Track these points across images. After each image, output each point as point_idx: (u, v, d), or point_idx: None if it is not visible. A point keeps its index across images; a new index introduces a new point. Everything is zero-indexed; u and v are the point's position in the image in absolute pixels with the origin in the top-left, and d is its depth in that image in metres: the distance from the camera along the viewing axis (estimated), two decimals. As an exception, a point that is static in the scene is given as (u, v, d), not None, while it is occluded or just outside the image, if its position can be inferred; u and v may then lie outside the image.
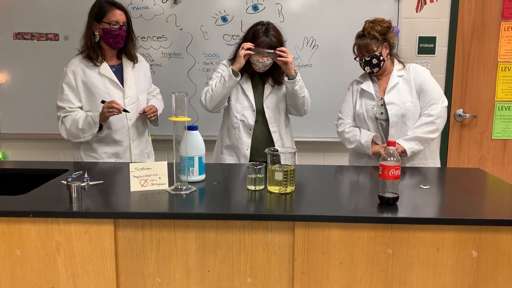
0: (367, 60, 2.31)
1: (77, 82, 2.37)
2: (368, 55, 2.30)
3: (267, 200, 1.68)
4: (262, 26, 2.41)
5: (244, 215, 1.52)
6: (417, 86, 2.30)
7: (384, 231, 1.50)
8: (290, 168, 1.73)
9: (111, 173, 2.06)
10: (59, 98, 2.38)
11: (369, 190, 1.80)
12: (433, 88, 2.29)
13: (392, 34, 2.33)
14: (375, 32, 2.27)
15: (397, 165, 1.57)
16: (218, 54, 3.32)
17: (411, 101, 2.29)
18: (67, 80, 2.38)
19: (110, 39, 2.34)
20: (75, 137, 2.38)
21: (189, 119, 1.77)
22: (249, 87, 2.50)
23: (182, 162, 1.77)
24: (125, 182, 1.84)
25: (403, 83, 2.33)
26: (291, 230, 1.52)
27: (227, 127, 2.56)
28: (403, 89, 2.31)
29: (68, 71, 2.38)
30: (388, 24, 2.31)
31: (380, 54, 2.29)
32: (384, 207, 1.57)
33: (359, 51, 2.34)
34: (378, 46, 2.29)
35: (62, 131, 2.39)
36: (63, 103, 2.37)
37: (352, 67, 3.25)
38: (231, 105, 2.50)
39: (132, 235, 1.55)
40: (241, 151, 2.50)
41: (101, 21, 2.33)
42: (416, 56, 3.33)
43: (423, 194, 1.76)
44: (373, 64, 2.30)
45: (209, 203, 1.69)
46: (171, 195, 1.72)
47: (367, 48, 2.29)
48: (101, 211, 1.54)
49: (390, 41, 2.32)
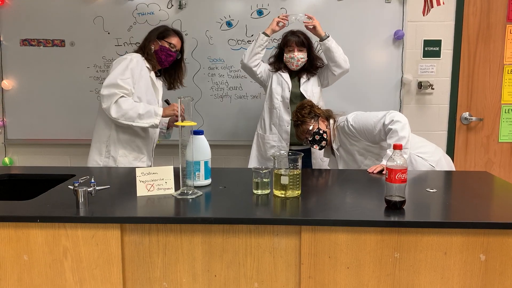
0: (311, 140, 2.47)
1: (138, 72, 2.42)
2: (310, 135, 2.46)
3: (273, 204, 1.68)
4: (290, 31, 2.84)
5: (250, 220, 1.52)
6: (355, 138, 2.41)
7: (391, 235, 1.49)
8: (296, 172, 1.72)
9: (117, 178, 2.07)
10: (120, 78, 2.33)
11: (376, 194, 1.80)
12: (365, 123, 2.36)
13: (318, 110, 2.52)
14: (304, 117, 2.46)
15: (404, 169, 1.56)
16: (223, 59, 3.34)
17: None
18: (133, 65, 2.39)
19: (163, 56, 2.51)
20: (129, 119, 2.34)
21: (195, 124, 1.77)
22: (287, 75, 2.88)
23: (188, 166, 1.77)
24: (131, 186, 1.84)
25: (344, 153, 2.47)
26: (297, 234, 1.52)
27: (269, 108, 2.91)
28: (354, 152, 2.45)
29: (135, 59, 2.42)
30: (308, 103, 2.52)
31: (319, 129, 2.45)
32: (391, 211, 1.56)
33: (301, 137, 2.51)
34: (312, 124, 2.47)
35: (113, 109, 2.32)
36: (124, 83, 2.33)
37: (357, 71, 3.26)
38: (272, 89, 2.87)
39: (139, 240, 1.55)
40: (282, 128, 2.87)
41: (162, 39, 2.52)
42: (421, 59, 3.32)
43: (430, 198, 1.75)
44: (317, 140, 2.46)
45: (215, 207, 1.69)
46: (177, 199, 1.72)
47: (305, 132, 2.48)
48: (107, 216, 1.54)
49: (321, 114, 2.50)
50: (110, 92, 2.33)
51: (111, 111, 2.33)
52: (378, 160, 2.36)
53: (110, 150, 2.46)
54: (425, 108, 3.40)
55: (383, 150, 2.36)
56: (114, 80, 2.34)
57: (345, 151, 2.47)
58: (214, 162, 2.02)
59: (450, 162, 2.48)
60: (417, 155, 2.36)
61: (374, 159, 2.39)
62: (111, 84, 2.34)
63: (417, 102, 3.40)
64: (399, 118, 2.24)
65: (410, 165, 2.33)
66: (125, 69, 2.37)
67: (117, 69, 2.37)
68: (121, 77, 2.35)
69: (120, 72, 2.36)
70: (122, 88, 2.34)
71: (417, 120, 3.38)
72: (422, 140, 2.52)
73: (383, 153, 2.34)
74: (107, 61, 3.38)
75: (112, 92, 2.33)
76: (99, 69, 3.40)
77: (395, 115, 2.26)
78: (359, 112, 2.47)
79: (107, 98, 2.33)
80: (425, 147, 2.45)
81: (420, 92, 3.37)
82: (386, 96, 3.33)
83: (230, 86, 3.39)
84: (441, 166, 2.37)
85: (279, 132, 2.90)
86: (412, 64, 3.34)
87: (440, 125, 3.41)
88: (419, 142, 2.47)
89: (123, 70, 2.37)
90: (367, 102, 3.30)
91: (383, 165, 2.15)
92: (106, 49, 3.37)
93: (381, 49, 3.30)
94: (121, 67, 2.37)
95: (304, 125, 2.48)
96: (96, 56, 3.39)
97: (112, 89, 2.33)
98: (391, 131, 2.22)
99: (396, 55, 3.30)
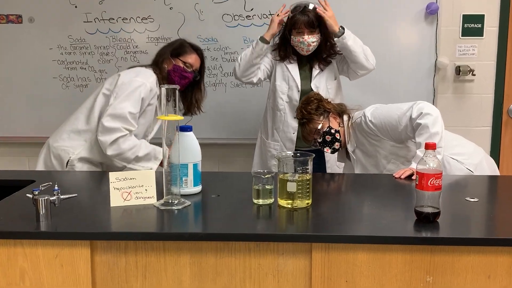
0: (321, 142, 2.46)
1: (147, 103, 2.45)
2: (319, 136, 2.45)
3: (277, 217, 1.67)
4: (300, 7, 2.74)
5: (250, 235, 1.51)
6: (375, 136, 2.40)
7: (422, 254, 1.49)
8: (306, 177, 1.72)
9: (87, 184, 2.07)
10: (130, 111, 2.37)
11: (403, 204, 1.79)
12: (387, 118, 2.35)
13: (328, 104, 2.51)
14: (311, 114, 2.45)
15: (438, 173, 1.56)
16: (216, 38, 3.34)
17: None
18: (145, 95, 2.42)
19: (176, 77, 2.57)
20: (124, 160, 2.42)
21: (181, 118, 1.77)
22: (295, 68, 2.83)
23: (174, 170, 1.77)
24: (104, 195, 1.84)
25: (362, 156, 2.46)
26: (307, 253, 1.51)
27: (272, 108, 2.89)
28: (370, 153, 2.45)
29: (148, 85, 2.43)
30: (315, 96, 2.50)
31: (330, 128, 2.44)
32: (422, 225, 1.56)
33: (309, 138, 2.50)
34: (322, 122, 2.45)
35: (110, 147, 2.36)
36: (133, 119, 2.39)
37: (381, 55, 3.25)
38: (277, 86, 2.85)
39: (113, 260, 1.55)
40: (287, 135, 2.84)
41: (176, 57, 2.58)
42: (460, 38, 3.32)
43: (471, 209, 1.74)
44: (328, 142, 2.46)
45: (207, 220, 1.69)
46: (160, 211, 1.72)
47: (313, 131, 2.46)
48: (75, 231, 1.53)
49: (332, 109, 2.49)
50: (114, 126, 2.35)
51: (107, 148, 2.37)
52: (404, 164, 2.35)
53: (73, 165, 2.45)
54: (464, 99, 3.40)
55: (410, 152, 2.36)
56: (123, 113, 2.36)
57: (363, 154, 2.47)
58: (205, 165, 2.02)
59: (493, 166, 2.47)
60: (451, 157, 2.35)
61: (399, 163, 2.39)
62: (118, 115, 2.36)
63: (455, 91, 3.40)
64: (429, 110, 2.24)
65: (443, 170, 2.32)
66: (138, 101, 2.40)
67: (130, 97, 2.39)
68: (132, 109, 2.38)
69: (133, 103, 2.39)
70: (129, 124, 2.38)
71: (454, 114, 3.38)
72: (457, 138, 2.52)
73: (410, 155, 2.34)
74: (74, 41, 3.39)
75: (117, 126, 2.36)
76: (65, 51, 3.40)
77: (424, 107, 2.25)
78: (378, 105, 2.47)
79: (108, 131, 2.36)
80: (462, 147, 2.44)
81: (458, 79, 3.37)
82: (416, 84, 3.33)
83: (225, 72, 3.39)
84: (481, 171, 2.37)
85: (282, 139, 2.87)
86: (449, 44, 3.34)
87: (482, 120, 3.41)
88: (454, 140, 2.46)
89: (136, 101, 2.40)
90: (392, 93, 3.29)
91: (412, 168, 2.15)
92: (73, 26, 3.37)
93: (410, 27, 3.30)
94: (135, 97, 2.40)
95: (311, 123, 2.48)
96: (60, 35, 3.39)
97: (117, 122, 2.36)
98: (420, 126, 2.22)
99: (428, 33, 3.30)
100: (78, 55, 3.41)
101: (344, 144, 2.50)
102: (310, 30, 2.72)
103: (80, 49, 3.40)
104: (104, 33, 3.39)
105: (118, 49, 3.40)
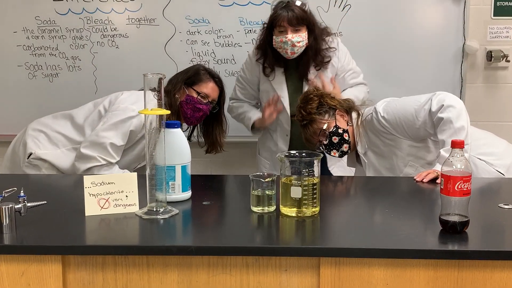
0: (327, 144, 2.47)
1: (140, 136, 2.46)
2: (324, 138, 2.45)
3: (280, 227, 1.67)
4: (283, 2, 2.69)
5: (248, 249, 1.51)
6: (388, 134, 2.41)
7: (449, 269, 1.49)
8: (312, 181, 1.72)
9: (58, 189, 2.07)
10: (113, 142, 2.39)
11: (426, 211, 1.79)
12: (402, 113, 2.35)
13: (332, 100, 2.51)
14: (312, 115, 2.45)
15: (467, 176, 1.56)
16: (207, 20, 3.33)
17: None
18: (136, 127, 2.43)
19: (189, 110, 2.61)
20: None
21: (167, 112, 1.77)
22: (283, 88, 2.81)
23: (159, 173, 1.77)
24: (78, 202, 1.84)
25: (375, 158, 2.47)
26: (315, 269, 1.51)
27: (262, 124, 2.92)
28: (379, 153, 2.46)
29: (142, 122, 2.39)
30: (314, 93, 2.50)
31: (337, 127, 2.44)
32: (448, 236, 1.56)
33: (312, 140, 2.51)
34: (327, 121, 2.45)
35: (82, 171, 2.40)
36: (114, 151, 2.40)
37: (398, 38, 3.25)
38: (262, 104, 2.90)
39: (89, 278, 1.54)
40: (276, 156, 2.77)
41: (190, 86, 2.62)
42: (492, 19, 3.32)
43: (505, 217, 1.74)
44: (336, 144, 2.46)
45: (198, 232, 1.68)
46: (143, 220, 1.72)
47: (317, 133, 2.46)
48: (44, 244, 1.53)
49: (337, 105, 2.49)
50: (91, 154, 2.38)
51: (78, 171, 2.40)
52: (424, 167, 2.35)
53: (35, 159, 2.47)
54: (497, 89, 3.40)
55: (430, 153, 2.36)
56: (104, 142, 2.38)
57: (377, 156, 2.47)
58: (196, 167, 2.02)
59: None
60: (477, 158, 2.35)
61: (417, 166, 2.38)
62: (98, 144, 2.38)
63: (486, 80, 3.40)
64: (452, 102, 2.24)
65: None
66: (125, 133, 2.41)
67: (118, 127, 2.40)
68: (115, 140, 2.40)
69: (118, 134, 2.40)
70: (108, 156, 2.39)
71: (485, 107, 3.38)
72: (485, 135, 2.51)
73: (431, 156, 2.34)
74: (42, 23, 3.38)
75: (93, 155, 2.38)
76: (31, 35, 3.39)
77: (445, 98, 2.25)
78: (391, 98, 2.47)
79: (83, 159, 2.39)
80: (490, 146, 2.45)
81: (490, 66, 3.37)
82: (440, 73, 3.33)
83: (219, 59, 3.39)
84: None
85: (273, 160, 2.88)
86: (479, 26, 3.34)
87: (517, 114, 3.42)
88: (482, 139, 2.46)
89: (123, 133, 2.41)
90: (413, 84, 3.29)
91: (436, 170, 2.15)
92: (40, 6, 3.36)
93: (433, 6, 3.30)
94: (123, 129, 2.41)
95: (314, 124, 2.48)
96: (26, 16, 3.38)
97: (95, 151, 2.38)
98: (442, 121, 2.22)
99: (455, 13, 3.30)
100: (47, 40, 3.40)
101: (353, 145, 2.50)
102: (294, 28, 2.65)
103: (49, 32, 3.39)
104: (77, 13, 3.38)
105: (94, 33, 3.39)
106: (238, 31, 3.32)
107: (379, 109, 2.41)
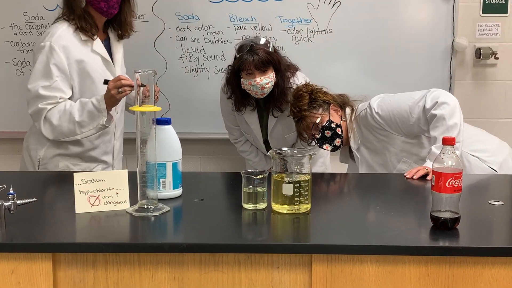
0: (320, 138, 2.47)
1: (70, 63, 2.40)
2: (317, 131, 2.45)
3: (271, 224, 1.67)
4: (247, 45, 2.66)
5: (240, 246, 1.52)
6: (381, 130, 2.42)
7: (440, 266, 1.49)
8: (304, 177, 1.73)
9: (48, 186, 2.06)
10: (44, 85, 2.36)
11: (416, 208, 1.80)
12: (396, 109, 2.36)
13: (324, 95, 2.50)
14: (303, 111, 2.45)
15: (458, 172, 1.57)
16: (197, 16, 3.32)
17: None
18: (57, 60, 2.37)
19: (101, 3, 2.41)
20: (69, 135, 2.39)
21: (158, 109, 1.77)
22: (254, 120, 2.87)
23: (150, 170, 1.77)
24: (68, 199, 1.83)
25: (368, 154, 2.48)
26: (306, 266, 1.52)
27: None
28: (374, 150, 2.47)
29: (57, 47, 2.38)
30: (304, 90, 2.49)
31: (330, 121, 2.44)
32: (439, 233, 1.57)
33: (306, 134, 2.51)
34: (321, 115, 2.46)
35: (46, 129, 2.38)
36: (50, 91, 2.36)
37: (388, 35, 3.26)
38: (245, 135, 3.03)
39: (79, 275, 1.54)
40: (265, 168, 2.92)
41: None
42: (481, 16, 3.34)
43: (495, 214, 1.75)
44: (328, 138, 2.46)
45: (189, 229, 1.68)
46: (134, 218, 1.71)
47: (310, 127, 2.46)
48: (34, 242, 1.53)
49: (331, 100, 2.49)
50: (34, 109, 2.37)
51: (44, 133, 2.38)
52: (417, 163, 2.36)
53: (46, 163, 2.46)
54: (486, 86, 3.42)
55: (424, 149, 2.37)
56: (35, 91, 2.36)
57: (370, 152, 2.48)
58: (187, 164, 2.02)
59: None
60: (471, 154, 2.37)
61: (411, 162, 2.40)
62: (33, 97, 2.37)
63: (475, 77, 3.42)
64: (446, 99, 2.25)
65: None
66: (47, 70, 2.36)
67: (36, 72, 2.37)
68: (43, 83, 2.36)
69: (41, 75, 2.37)
70: (48, 98, 2.36)
71: (474, 104, 3.40)
72: (478, 132, 2.53)
73: (424, 152, 2.35)
74: (30, 18, 3.35)
75: (37, 108, 2.36)
76: (19, 31, 3.37)
77: (440, 95, 2.26)
78: (385, 94, 2.48)
79: (35, 117, 2.38)
80: (483, 143, 2.46)
81: (479, 63, 3.39)
82: (429, 70, 3.35)
83: (208, 55, 3.38)
84: (506, 170, 2.39)
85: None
86: (468, 23, 3.35)
87: (507, 111, 3.43)
88: (475, 135, 2.48)
89: (44, 72, 2.36)
90: (402, 80, 3.30)
91: (427, 167, 2.16)
92: (28, 2, 3.34)
93: (422, 2, 3.31)
94: (40, 67, 2.37)
95: (307, 118, 2.48)
96: (14, 12, 3.35)
97: (35, 104, 2.36)
98: (435, 118, 2.23)
99: (444, 10, 3.31)
100: (36, 36, 3.37)
101: (346, 140, 2.51)
102: (262, 70, 2.63)
103: (38, 28, 3.36)
104: (65, 9, 3.35)
105: (83, 29, 3.37)
106: (228, 28, 3.31)
107: (373, 104, 2.41)
